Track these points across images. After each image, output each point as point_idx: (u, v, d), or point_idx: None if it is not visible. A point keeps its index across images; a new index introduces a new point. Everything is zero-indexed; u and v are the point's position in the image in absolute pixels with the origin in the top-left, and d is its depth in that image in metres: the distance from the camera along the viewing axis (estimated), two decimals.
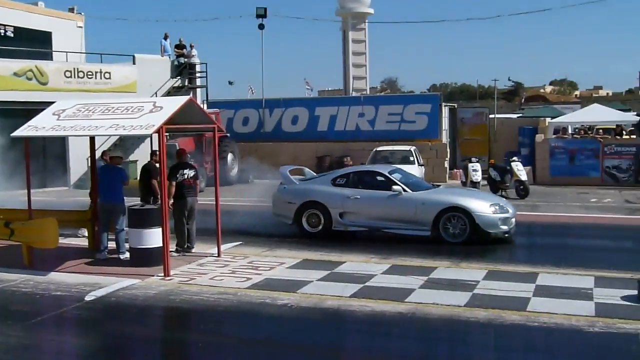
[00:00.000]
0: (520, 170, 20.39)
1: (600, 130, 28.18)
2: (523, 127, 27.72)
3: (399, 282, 10.17)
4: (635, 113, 36.28)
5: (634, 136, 26.22)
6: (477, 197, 14.10)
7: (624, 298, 9.15)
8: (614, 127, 27.47)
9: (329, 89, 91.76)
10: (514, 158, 20.96)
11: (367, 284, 10.11)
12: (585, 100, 55.57)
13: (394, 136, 26.14)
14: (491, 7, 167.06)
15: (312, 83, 46.76)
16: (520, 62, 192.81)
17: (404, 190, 13.76)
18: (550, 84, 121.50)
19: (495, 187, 20.76)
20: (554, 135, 26.12)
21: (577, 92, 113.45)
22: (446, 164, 25.90)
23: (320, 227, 14.24)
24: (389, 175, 14.30)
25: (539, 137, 25.01)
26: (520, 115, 40.33)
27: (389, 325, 8.33)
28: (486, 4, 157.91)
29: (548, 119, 28.44)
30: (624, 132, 26.91)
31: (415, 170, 21.26)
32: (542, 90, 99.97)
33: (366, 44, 34.34)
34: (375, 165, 19.47)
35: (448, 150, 26.44)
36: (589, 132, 28.42)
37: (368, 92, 35.11)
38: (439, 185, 14.77)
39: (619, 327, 8.01)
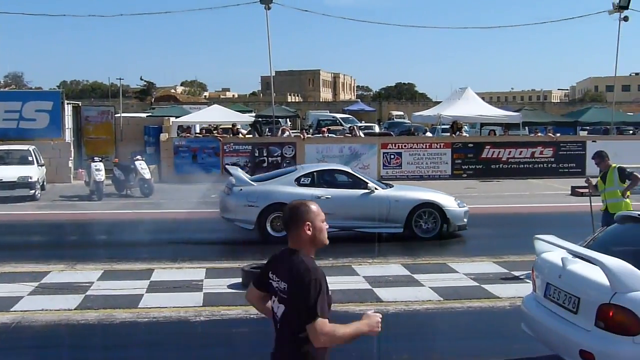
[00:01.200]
0: (144, 169, 20.51)
1: (220, 130, 29.84)
2: (148, 126, 28.02)
3: (6, 290, 9.55)
4: (253, 114, 39.30)
5: (250, 136, 28.33)
6: (439, 192, 14.45)
7: (230, 286, 9.88)
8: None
9: None
10: (138, 157, 21.04)
11: None
12: (214, 101, 58.50)
13: (13, 135, 24.33)
14: (118, 6, 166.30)
15: None
16: (152, 62, 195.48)
17: (375, 189, 13.53)
18: (182, 84, 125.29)
19: (120, 185, 20.67)
20: (180, 135, 26.92)
21: (206, 93, 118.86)
22: (70, 164, 24.94)
23: None
24: (356, 174, 14.13)
25: (163, 136, 25.55)
26: (150, 114, 40.73)
27: None
28: (114, 2, 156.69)
29: (173, 119, 29.22)
30: (240, 132, 28.75)
31: (35, 170, 20.18)
32: (173, 91, 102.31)
33: None
34: (335, 163, 19.04)
35: (72, 149, 25.51)
36: (214, 131, 29.90)
37: None
38: (392, 185, 14.65)
39: (223, 313, 8.65)
